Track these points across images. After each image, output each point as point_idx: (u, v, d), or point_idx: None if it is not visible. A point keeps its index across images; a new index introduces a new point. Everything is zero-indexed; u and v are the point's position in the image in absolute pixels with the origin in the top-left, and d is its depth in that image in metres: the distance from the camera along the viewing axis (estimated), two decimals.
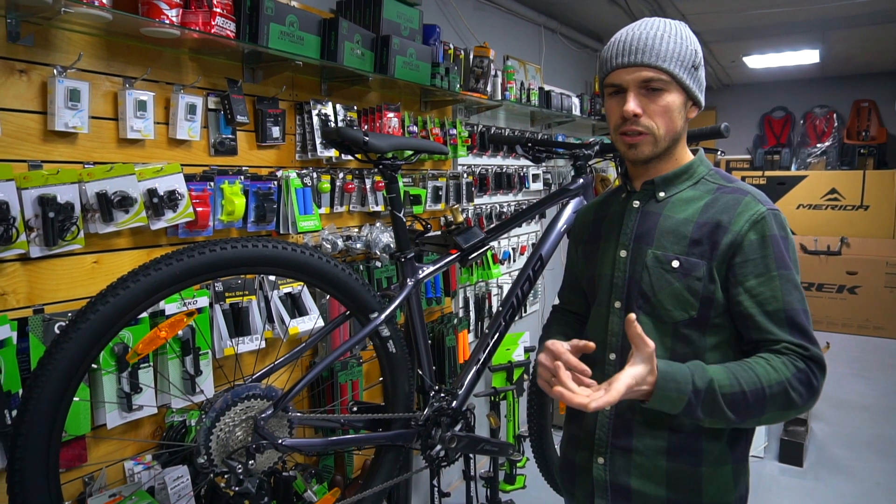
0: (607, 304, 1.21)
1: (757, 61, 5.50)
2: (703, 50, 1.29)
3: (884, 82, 6.18)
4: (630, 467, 1.16)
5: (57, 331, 1.36)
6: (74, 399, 1.04)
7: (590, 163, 1.97)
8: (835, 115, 6.50)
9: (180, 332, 1.58)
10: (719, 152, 2.21)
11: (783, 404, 1.05)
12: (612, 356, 1.19)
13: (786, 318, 1.08)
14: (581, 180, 1.94)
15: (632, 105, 1.11)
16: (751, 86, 6.84)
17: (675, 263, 1.12)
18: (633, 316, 1.01)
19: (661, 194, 1.19)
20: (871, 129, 6.29)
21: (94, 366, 1.42)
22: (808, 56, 5.21)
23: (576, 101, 3.74)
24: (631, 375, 1.00)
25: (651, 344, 1.00)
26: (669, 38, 1.11)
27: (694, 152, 1.23)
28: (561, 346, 1.08)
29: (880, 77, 6.21)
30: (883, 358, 5.14)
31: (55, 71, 1.37)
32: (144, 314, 1.50)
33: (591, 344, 1.11)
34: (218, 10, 1.54)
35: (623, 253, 1.20)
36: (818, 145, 6.57)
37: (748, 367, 1.05)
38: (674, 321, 1.13)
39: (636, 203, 1.22)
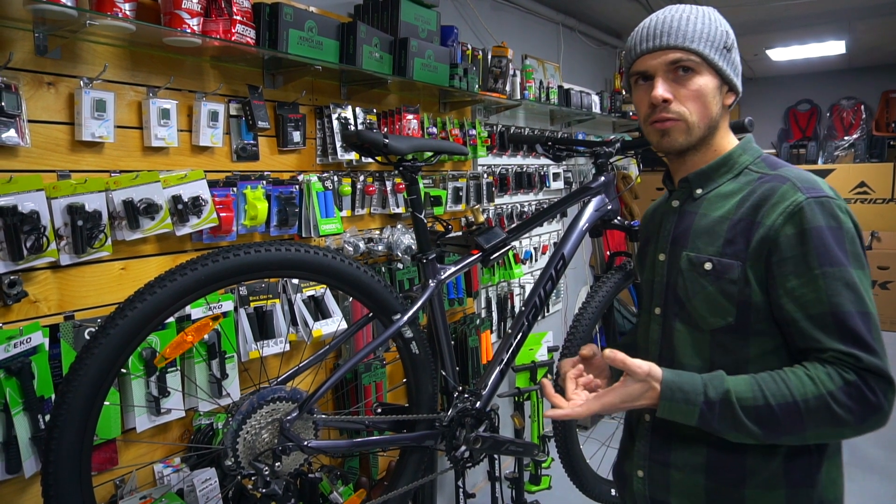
0: (649, 310, 1.16)
1: (781, 54, 5.40)
2: None
3: None
4: (668, 483, 1.09)
5: (87, 336, 1.39)
6: (105, 403, 1.05)
7: (611, 160, 1.95)
8: (862, 107, 6.35)
9: (206, 336, 1.60)
10: None
11: (828, 421, 0.92)
12: None
13: (834, 323, 0.94)
14: (602, 178, 1.92)
15: (660, 90, 1.04)
16: (774, 79, 6.72)
17: (708, 266, 1.04)
18: (608, 351, 0.99)
19: (699, 191, 1.11)
20: None
21: (123, 370, 1.44)
22: (834, 47, 5.10)
23: (595, 98, 3.71)
24: (615, 393, 0.99)
25: (644, 367, 0.97)
26: (696, 19, 1.05)
27: (741, 138, 1.13)
28: (567, 365, 1.17)
29: None
30: None
31: (81, 82, 1.40)
32: (171, 319, 1.52)
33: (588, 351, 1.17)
34: (238, 17, 1.56)
35: (661, 256, 1.14)
36: (846, 138, 6.42)
37: (781, 377, 0.96)
38: (711, 329, 1.04)
39: (675, 202, 1.15)
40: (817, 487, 1.02)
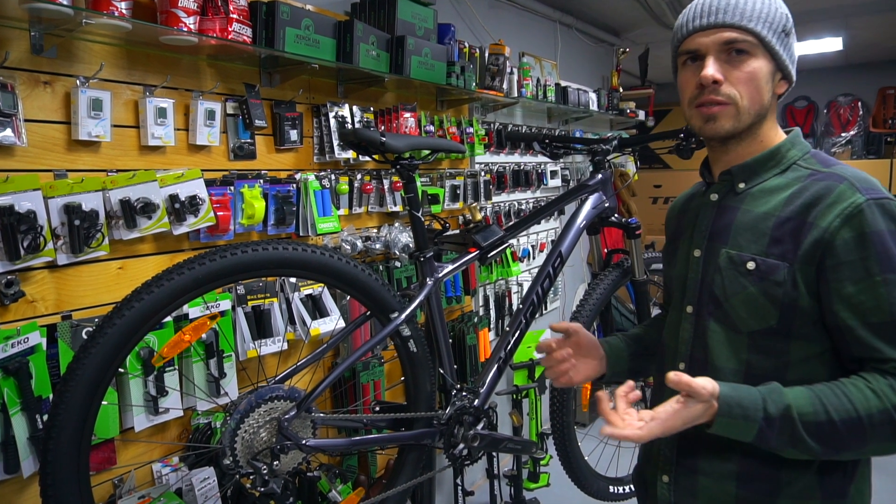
0: (680, 308, 1.10)
1: None
2: None
3: None
4: (696, 490, 1.05)
5: (84, 336, 1.39)
6: (103, 403, 1.05)
7: (608, 158, 1.95)
8: (860, 104, 6.36)
9: (204, 336, 1.60)
10: None
11: (891, 436, 0.88)
12: (682, 366, 1.08)
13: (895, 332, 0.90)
14: (599, 176, 1.92)
15: (711, 70, 0.97)
16: None
17: (751, 265, 0.98)
18: (671, 374, 0.90)
19: (741, 185, 1.04)
20: None
21: (121, 370, 1.44)
22: (831, 44, 5.11)
23: (593, 96, 3.71)
24: (678, 416, 0.91)
25: (708, 388, 0.90)
26: None
27: (788, 131, 1.06)
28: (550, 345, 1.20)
29: None
30: None
31: (78, 81, 1.40)
32: (169, 318, 1.52)
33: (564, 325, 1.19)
34: (234, 16, 1.55)
35: (697, 252, 1.07)
36: (843, 134, 6.43)
37: (841, 390, 0.90)
38: (750, 331, 0.99)
39: (714, 196, 1.07)
40: (848, 499, 0.99)
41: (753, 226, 1.00)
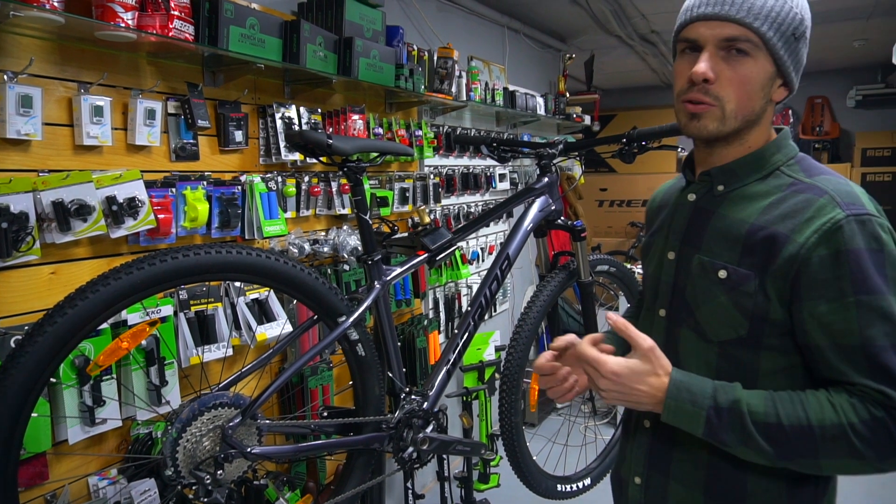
0: (653, 309, 1.08)
1: None
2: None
3: (835, 79, 6.39)
4: (667, 494, 1.03)
5: (13, 345, 1.32)
6: (33, 415, 1.01)
7: (554, 161, 1.99)
8: (790, 112, 6.69)
9: (144, 342, 1.55)
10: (679, 149, 2.25)
11: (845, 453, 0.85)
12: None
13: (864, 358, 0.85)
14: (546, 179, 1.96)
15: (703, 66, 0.91)
16: None
17: (723, 273, 0.94)
18: (610, 314, 0.92)
19: (720, 188, 0.99)
20: (824, 125, 6.50)
21: (53, 380, 1.38)
22: None
23: (540, 100, 3.77)
24: (620, 363, 0.91)
25: (649, 340, 0.90)
26: None
27: (779, 130, 1.01)
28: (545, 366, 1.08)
29: (832, 74, 6.41)
30: None
31: (5, 77, 1.33)
32: (105, 325, 1.46)
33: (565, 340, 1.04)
34: (176, 13, 1.51)
35: (671, 255, 1.04)
36: None
37: (799, 398, 0.88)
38: (720, 340, 0.96)
39: (691, 196, 1.03)
40: None
41: (727, 232, 0.96)
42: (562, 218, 2.00)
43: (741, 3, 0.90)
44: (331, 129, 2.21)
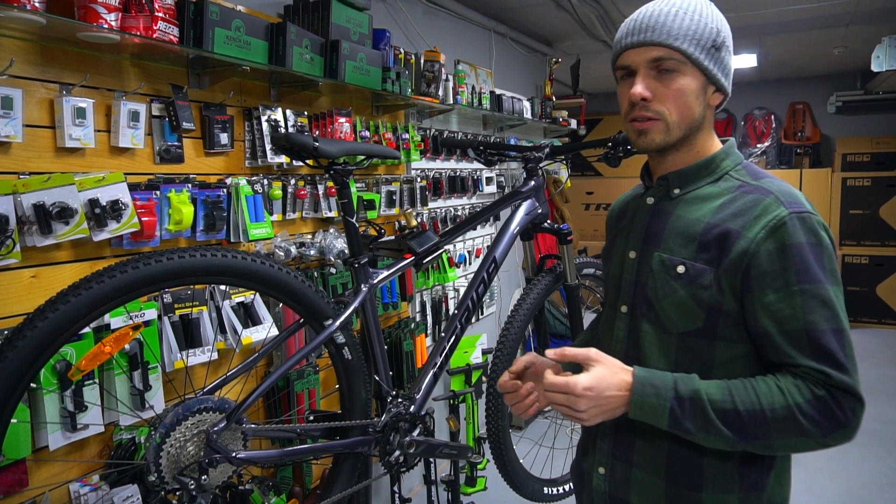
0: (615, 307, 1.15)
1: None
2: None
3: (816, 85, 6.49)
4: (630, 482, 1.09)
5: None
6: (12, 421, 0.99)
7: (541, 165, 1.99)
8: (773, 117, 6.78)
9: (127, 347, 1.53)
10: None
11: (794, 432, 0.93)
12: None
13: (807, 341, 0.94)
14: (532, 182, 1.96)
15: (639, 87, 1.02)
16: None
17: (681, 269, 1.02)
18: (548, 352, 1.03)
19: (676, 191, 1.09)
20: (805, 130, 6.59)
21: (33, 385, 1.36)
22: (747, 60, 5.42)
23: (527, 104, 3.79)
24: (588, 376, 0.97)
25: (589, 349, 1.00)
26: (685, 15, 1.01)
27: (725, 141, 1.11)
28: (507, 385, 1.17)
29: (813, 80, 6.51)
30: None
31: None
32: (88, 329, 1.44)
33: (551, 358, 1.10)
34: (160, 14, 1.50)
35: (632, 254, 1.12)
36: (758, 145, 6.84)
37: (751, 384, 0.96)
38: (678, 332, 1.04)
39: (650, 200, 1.12)
40: (766, 490, 1.04)
41: (684, 231, 1.04)
42: (548, 221, 2.01)
43: (661, 28, 1.01)
44: (317, 132, 2.20)
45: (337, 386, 1.54)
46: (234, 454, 1.22)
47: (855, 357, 0.95)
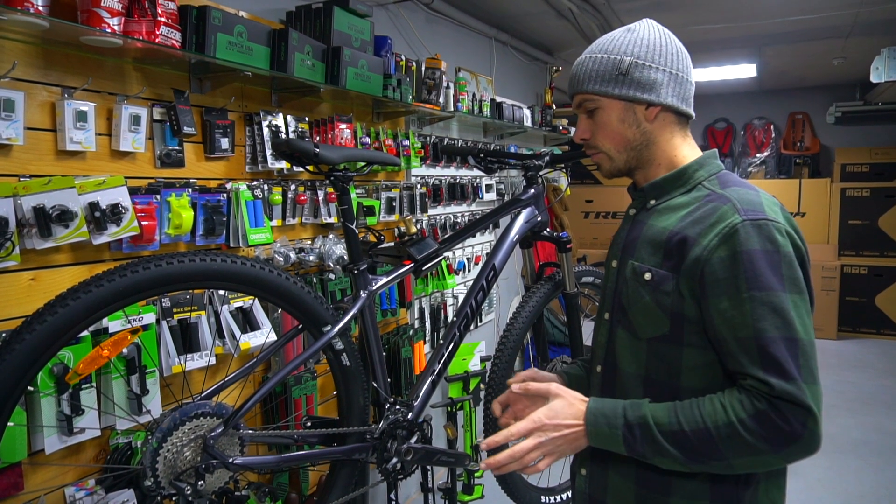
0: (601, 314, 1.20)
1: (699, 74, 5.71)
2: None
3: (815, 95, 6.51)
4: (606, 485, 1.14)
5: None
6: (8, 424, 0.99)
7: (540, 173, 2.00)
8: (772, 127, 6.80)
9: (125, 351, 1.53)
10: None
11: (744, 449, 0.93)
12: (598, 368, 1.18)
13: (756, 348, 0.94)
14: (532, 190, 1.97)
15: (578, 131, 1.17)
16: (694, 98, 7.09)
17: (648, 276, 1.06)
18: (512, 385, 1.18)
19: (652, 202, 1.14)
20: (805, 140, 6.61)
21: (30, 388, 1.35)
22: (747, 70, 5.45)
23: (527, 112, 3.80)
24: (539, 411, 1.06)
25: (549, 383, 1.10)
26: (591, 59, 1.12)
27: (704, 149, 1.15)
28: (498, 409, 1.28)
29: (812, 91, 6.53)
30: (824, 358, 5.37)
31: None
32: (86, 332, 1.44)
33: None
34: (163, 19, 1.50)
35: (614, 263, 1.17)
36: (758, 155, 6.86)
37: (696, 404, 0.98)
38: (648, 337, 1.07)
39: (632, 211, 1.19)
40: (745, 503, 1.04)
41: (653, 239, 1.08)
42: (547, 229, 2.01)
43: (577, 79, 1.13)
44: (318, 138, 2.20)
45: (335, 392, 1.54)
46: (230, 460, 1.22)
47: (814, 367, 0.93)
